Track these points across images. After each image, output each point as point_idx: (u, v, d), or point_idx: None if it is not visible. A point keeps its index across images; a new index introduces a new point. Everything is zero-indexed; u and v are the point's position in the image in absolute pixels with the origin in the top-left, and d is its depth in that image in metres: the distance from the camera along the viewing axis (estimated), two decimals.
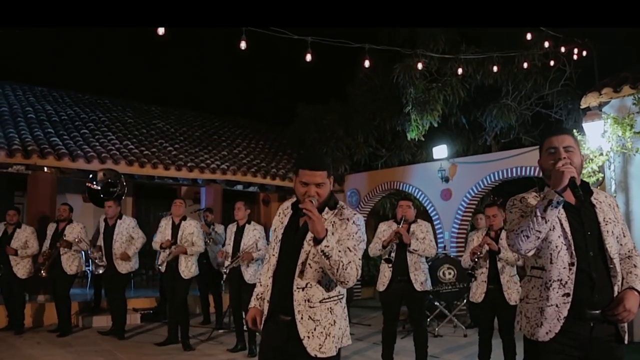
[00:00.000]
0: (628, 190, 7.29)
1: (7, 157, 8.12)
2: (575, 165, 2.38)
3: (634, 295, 2.34)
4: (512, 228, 2.46)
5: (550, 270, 2.39)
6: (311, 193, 2.48)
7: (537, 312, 2.40)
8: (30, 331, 7.56)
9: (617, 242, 2.45)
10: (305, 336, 2.47)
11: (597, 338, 2.33)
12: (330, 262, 2.36)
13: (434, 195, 10.28)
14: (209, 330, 7.55)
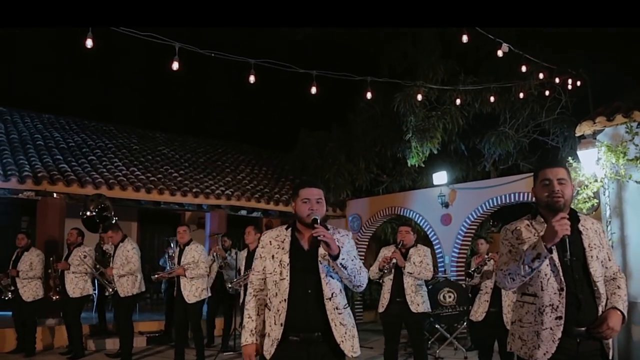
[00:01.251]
0: (623, 215, 7.49)
1: (19, 183, 8.35)
2: (566, 198, 2.59)
3: (616, 314, 2.55)
4: (501, 267, 2.67)
5: (542, 296, 2.58)
6: (314, 207, 2.75)
7: (534, 335, 2.59)
8: (40, 354, 7.68)
9: (601, 266, 2.65)
10: (341, 340, 2.74)
11: (583, 353, 2.55)
12: (348, 271, 2.73)
13: (434, 220, 10.48)
14: (215, 353, 7.67)
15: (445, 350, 8.10)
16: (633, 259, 7.37)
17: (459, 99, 8.76)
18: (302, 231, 2.85)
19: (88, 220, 8.06)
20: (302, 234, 2.85)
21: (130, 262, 7.05)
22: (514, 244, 2.70)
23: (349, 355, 2.75)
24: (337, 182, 11.97)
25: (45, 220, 8.75)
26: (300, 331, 2.74)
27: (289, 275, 2.78)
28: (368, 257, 12.54)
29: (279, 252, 2.84)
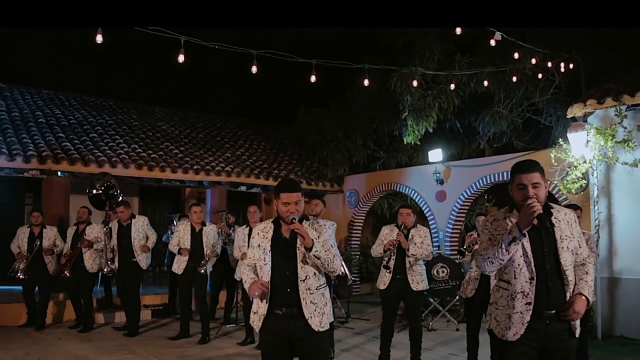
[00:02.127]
0: (610, 196, 7.78)
1: (24, 162, 8.55)
2: (540, 199, 2.85)
3: (581, 300, 2.85)
4: (481, 252, 2.97)
5: (515, 284, 2.90)
6: (292, 210, 3.18)
7: (506, 317, 2.91)
8: (50, 327, 8.01)
9: (571, 255, 2.93)
10: (309, 316, 3.18)
11: (552, 333, 2.87)
12: (322, 260, 3.18)
13: (429, 197, 10.76)
14: (218, 326, 8.01)
15: (438, 323, 8.46)
16: (619, 238, 7.69)
17: (453, 83, 8.93)
18: (283, 224, 3.31)
19: (95, 198, 8.33)
20: (284, 227, 3.30)
21: (152, 237, 7.62)
22: (493, 232, 2.99)
23: (316, 330, 3.19)
24: (334, 158, 12.21)
25: (50, 198, 8.98)
26: (282, 306, 3.21)
27: (270, 261, 3.26)
28: (365, 230, 12.87)
29: (264, 242, 3.31)
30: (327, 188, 12.60)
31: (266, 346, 3.33)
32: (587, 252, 3.07)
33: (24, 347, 6.66)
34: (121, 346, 6.88)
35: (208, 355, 6.42)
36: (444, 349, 6.81)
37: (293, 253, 3.23)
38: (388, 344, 5.92)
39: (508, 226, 2.93)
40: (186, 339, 7.23)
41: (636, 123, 7.45)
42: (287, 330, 3.20)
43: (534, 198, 2.82)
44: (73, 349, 6.65)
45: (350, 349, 6.83)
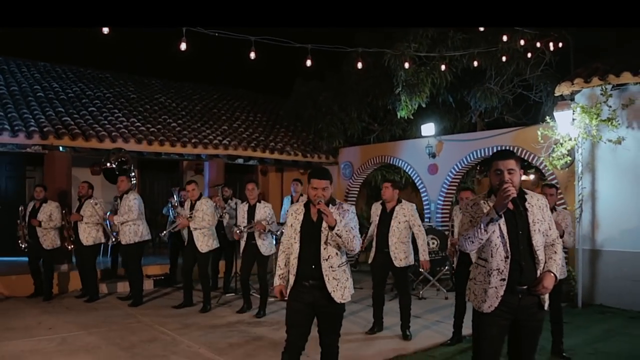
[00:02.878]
0: (594, 172, 8.09)
1: (27, 138, 8.73)
2: (515, 184, 3.17)
3: (550, 276, 3.20)
4: (462, 232, 3.31)
5: (491, 262, 3.24)
6: (319, 194, 3.66)
7: (482, 291, 3.27)
8: (57, 298, 8.36)
9: (542, 237, 3.27)
10: (332, 290, 3.68)
11: (524, 306, 3.23)
12: (343, 239, 3.63)
13: (422, 170, 11.05)
14: (218, 295, 8.39)
15: (428, 291, 8.87)
16: (601, 212, 8.04)
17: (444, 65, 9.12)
18: (312, 207, 3.78)
19: (108, 171, 8.65)
20: (312, 210, 3.78)
21: (130, 211, 7.71)
22: (474, 215, 3.31)
23: (338, 302, 3.71)
24: (330, 131, 12.44)
25: (53, 172, 9.21)
26: (308, 279, 3.73)
27: (299, 240, 3.78)
28: (359, 201, 13.21)
29: (295, 222, 3.84)
30: (323, 160, 12.86)
31: (291, 309, 3.79)
32: (557, 234, 3.41)
33: (34, 317, 7.02)
34: (127, 315, 7.25)
35: (211, 323, 6.79)
36: (432, 317, 7.21)
37: (318, 234, 3.72)
38: (380, 311, 6.35)
39: (486, 209, 3.25)
40: (189, 307, 7.61)
41: (621, 102, 7.71)
42: (311, 299, 3.72)
43: (509, 183, 3.13)
44: (81, 318, 7.01)
45: (346, 315, 7.07)
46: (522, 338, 3.33)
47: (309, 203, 3.81)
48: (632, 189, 7.72)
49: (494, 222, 3.15)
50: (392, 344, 5.86)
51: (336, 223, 3.59)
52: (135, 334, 6.23)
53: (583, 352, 5.64)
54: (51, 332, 6.23)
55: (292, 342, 3.75)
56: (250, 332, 6.33)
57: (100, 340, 5.91)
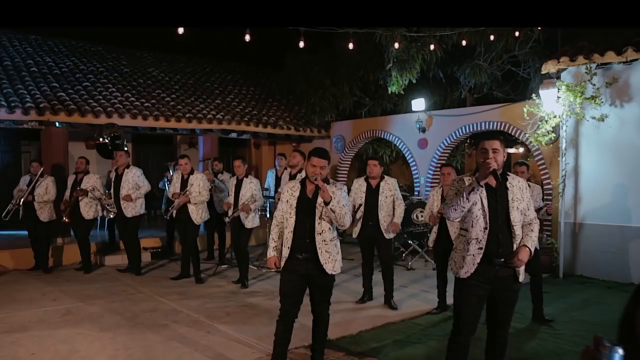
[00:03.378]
0: (578, 148, 8.36)
1: (23, 115, 8.86)
2: (498, 162, 3.47)
3: (525, 250, 3.51)
4: (447, 203, 3.62)
5: (471, 232, 3.54)
6: (317, 172, 3.93)
7: (461, 259, 3.58)
8: (57, 270, 8.62)
9: (520, 214, 3.57)
10: (324, 262, 3.98)
11: (500, 277, 3.54)
12: (336, 214, 3.92)
13: (412, 144, 11.30)
14: (214, 266, 8.68)
15: (416, 262, 9.21)
16: (584, 186, 8.34)
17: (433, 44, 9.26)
18: (308, 185, 4.05)
19: (101, 146, 8.81)
20: (308, 187, 4.05)
21: (142, 187, 8.03)
22: (459, 188, 3.61)
23: (329, 273, 4.02)
24: (322, 105, 12.61)
25: (50, 147, 9.36)
26: (302, 252, 3.98)
27: (294, 215, 4.02)
28: (351, 174, 13.47)
29: (291, 198, 4.07)
30: (315, 134, 13.07)
31: (285, 280, 4.06)
32: (534, 215, 3.71)
33: (38, 289, 7.29)
34: (127, 286, 7.53)
35: (208, 293, 7.09)
36: (419, 286, 7.55)
37: (313, 210, 3.98)
38: (369, 282, 6.68)
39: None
40: (186, 278, 7.90)
41: (605, 80, 7.93)
42: (304, 270, 3.99)
43: (492, 159, 3.43)
44: (83, 289, 7.29)
45: (336, 286, 7.41)
46: (499, 307, 3.66)
47: (304, 180, 4.08)
48: (613, 165, 8.00)
49: (475, 191, 3.44)
50: (380, 312, 6.19)
51: (331, 199, 3.87)
52: (137, 304, 6.52)
53: (560, 319, 5.98)
54: (55, 304, 6.50)
55: (286, 311, 4.04)
56: (245, 301, 6.63)
57: (104, 311, 6.20)
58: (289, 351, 4.55)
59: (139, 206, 8.14)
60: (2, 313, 6.02)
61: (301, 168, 7.14)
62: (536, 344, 5.22)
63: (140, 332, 5.41)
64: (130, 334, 5.32)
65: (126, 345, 4.98)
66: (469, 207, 3.50)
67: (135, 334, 5.32)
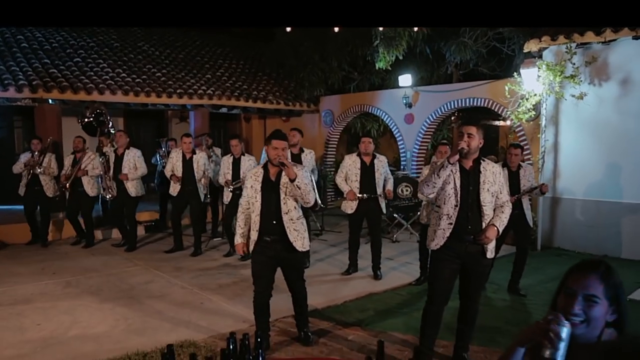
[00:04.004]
0: (558, 125, 8.66)
1: (17, 92, 9.00)
2: (471, 146, 3.77)
3: (493, 229, 3.84)
4: (422, 180, 3.99)
5: (443, 208, 3.88)
6: (279, 153, 4.11)
7: (433, 232, 3.94)
8: (54, 244, 8.89)
9: (491, 196, 3.88)
10: (294, 240, 4.21)
11: (469, 252, 3.89)
12: (301, 191, 4.10)
13: (399, 119, 11.54)
14: (207, 239, 8.99)
15: (402, 235, 9.57)
16: (563, 163, 8.67)
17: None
18: (271, 169, 4.23)
19: (87, 125, 8.98)
20: (271, 171, 4.22)
21: (139, 169, 8.26)
22: (435, 169, 3.92)
23: (299, 250, 4.25)
24: (310, 80, 12.78)
25: (44, 124, 9.53)
26: (269, 234, 4.17)
27: (260, 199, 4.20)
28: (340, 148, 13.74)
29: (255, 184, 4.24)
30: (304, 108, 13.27)
31: (256, 262, 4.28)
32: (507, 199, 4.02)
33: (37, 263, 7.58)
34: (123, 259, 7.84)
35: (201, 266, 7.42)
36: (403, 258, 7.92)
37: (277, 192, 4.17)
38: (355, 255, 7.03)
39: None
40: (180, 251, 8.22)
41: (585, 59, 8.18)
42: (273, 252, 4.20)
43: (464, 142, 3.75)
44: (82, 263, 7.60)
45: (324, 258, 7.89)
46: (470, 280, 4.02)
47: (266, 165, 4.26)
48: (591, 142, 8.32)
49: (444, 167, 3.78)
50: (365, 283, 6.55)
51: (296, 176, 4.07)
52: (133, 277, 6.84)
53: (535, 290, 6.36)
54: (56, 277, 6.81)
55: (260, 292, 4.31)
56: (237, 274, 6.96)
57: (102, 283, 6.51)
58: (277, 320, 4.92)
59: (139, 187, 8.37)
60: (5, 286, 6.33)
61: (301, 147, 7.39)
62: (509, 313, 5.61)
63: (138, 303, 5.74)
64: (128, 305, 5.64)
65: (125, 316, 5.31)
66: (440, 184, 3.82)
67: (133, 305, 5.65)
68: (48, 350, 4.44)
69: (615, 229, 8.09)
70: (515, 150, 6.07)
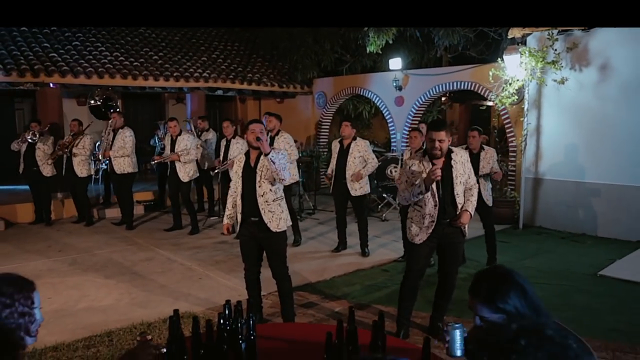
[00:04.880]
0: (540, 109, 9.02)
1: (19, 77, 9.31)
2: (443, 150, 4.11)
3: (466, 214, 4.26)
4: (400, 193, 4.32)
5: (424, 208, 4.25)
6: (257, 134, 4.34)
7: (417, 229, 4.31)
8: (56, 224, 9.28)
9: (462, 186, 4.27)
10: (268, 222, 4.44)
11: (446, 233, 4.29)
12: (276, 166, 4.26)
13: (389, 101, 11.89)
14: (204, 218, 9.39)
15: (390, 214, 9.99)
16: (544, 145, 9.06)
17: None
18: (251, 155, 4.50)
19: (94, 108, 9.33)
20: (252, 156, 4.50)
21: (125, 147, 8.52)
22: (409, 175, 4.27)
23: (274, 231, 4.45)
24: (304, 62, 13.07)
25: (45, 107, 9.86)
26: (250, 216, 4.47)
27: (241, 183, 4.52)
28: (332, 129, 14.08)
29: (239, 169, 4.56)
30: (298, 90, 13.58)
31: (241, 242, 4.66)
32: (474, 181, 4.42)
33: (43, 241, 7.98)
34: (124, 238, 8.25)
35: (198, 244, 7.84)
36: (390, 237, 8.34)
37: (254, 176, 4.45)
38: (343, 233, 7.45)
39: (420, 169, 4.19)
40: (179, 230, 8.63)
41: (566, 45, 8.52)
42: (254, 232, 4.49)
43: (438, 148, 4.07)
44: (85, 240, 8.01)
45: (315, 236, 8.31)
46: (447, 255, 4.44)
47: (248, 152, 4.56)
48: (572, 125, 8.69)
49: (422, 194, 4.14)
50: (353, 260, 6.99)
51: (271, 150, 4.30)
52: (135, 254, 7.26)
53: (513, 266, 6.73)
54: (62, 254, 7.22)
55: (248, 269, 4.70)
56: (232, 251, 7.36)
57: (106, 260, 6.93)
58: (270, 293, 5.34)
59: (126, 164, 8.61)
60: (15, 263, 6.74)
61: (279, 130, 7.73)
62: None
63: (140, 278, 6.17)
64: (131, 281, 6.07)
65: (129, 290, 5.74)
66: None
67: (136, 280, 6.08)
68: (60, 321, 4.86)
69: (593, 208, 8.52)
70: (473, 133, 6.47)
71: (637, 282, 6.10)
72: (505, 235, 8.46)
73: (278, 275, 4.65)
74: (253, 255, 4.64)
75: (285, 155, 4.50)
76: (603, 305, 5.38)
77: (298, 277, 6.02)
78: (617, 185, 8.25)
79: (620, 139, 8.12)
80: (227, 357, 2.25)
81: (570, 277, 6.32)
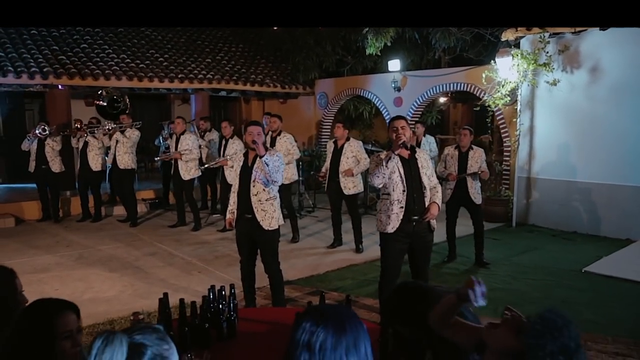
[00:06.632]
0: (533, 109, 9.25)
1: (29, 79, 9.67)
2: (406, 137, 4.37)
3: (435, 205, 4.47)
4: (371, 172, 4.49)
5: (393, 195, 4.43)
6: (254, 137, 4.54)
7: (387, 217, 4.46)
8: (64, 221, 9.60)
9: (428, 179, 4.52)
10: (261, 220, 4.66)
11: (416, 231, 4.48)
12: (269, 167, 4.49)
13: (388, 102, 12.16)
14: (206, 215, 9.70)
15: None
16: (538, 144, 9.29)
17: None
18: (249, 155, 4.74)
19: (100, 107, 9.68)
20: (249, 156, 4.74)
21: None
22: (377, 161, 4.46)
23: (266, 229, 4.65)
24: (306, 64, 13.36)
25: (54, 108, 10.22)
26: (244, 213, 4.70)
27: (239, 181, 4.75)
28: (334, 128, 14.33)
29: (238, 169, 4.81)
30: (300, 91, 13.87)
31: (237, 237, 4.93)
32: (437, 181, 4.66)
33: (51, 237, 8.33)
34: (129, 234, 8.58)
35: (200, 240, 8.15)
36: None
37: (250, 175, 4.67)
38: (339, 230, 7.73)
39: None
40: (182, 226, 8.94)
41: (558, 48, 8.74)
42: (248, 228, 4.72)
43: (402, 134, 4.35)
44: (92, 236, 8.35)
45: (313, 234, 8.60)
46: (418, 255, 4.62)
47: (247, 152, 4.79)
48: (564, 125, 8.91)
49: (391, 159, 4.33)
50: (347, 256, 7.27)
51: (266, 152, 4.51)
52: (138, 249, 7.58)
53: (500, 263, 7.02)
54: (69, 249, 7.56)
55: (243, 261, 4.99)
56: (232, 247, 7.55)
57: (111, 255, 7.26)
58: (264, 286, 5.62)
59: (131, 161, 9.02)
60: (26, 257, 7.09)
61: (280, 130, 8.00)
62: None
63: (143, 272, 6.49)
64: (134, 274, 6.39)
65: (132, 282, 6.06)
66: (388, 174, 4.39)
67: (139, 274, 6.40)
68: None
69: (584, 207, 8.75)
70: (464, 132, 6.71)
71: (620, 278, 6.32)
72: (497, 233, 8.71)
73: (270, 270, 4.90)
74: (247, 248, 4.89)
75: (280, 158, 4.69)
76: (582, 299, 5.62)
77: (293, 271, 6.33)
78: (607, 184, 8.47)
79: (610, 139, 8.34)
80: (209, 334, 2.55)
81: (555, 273, 6.55)
